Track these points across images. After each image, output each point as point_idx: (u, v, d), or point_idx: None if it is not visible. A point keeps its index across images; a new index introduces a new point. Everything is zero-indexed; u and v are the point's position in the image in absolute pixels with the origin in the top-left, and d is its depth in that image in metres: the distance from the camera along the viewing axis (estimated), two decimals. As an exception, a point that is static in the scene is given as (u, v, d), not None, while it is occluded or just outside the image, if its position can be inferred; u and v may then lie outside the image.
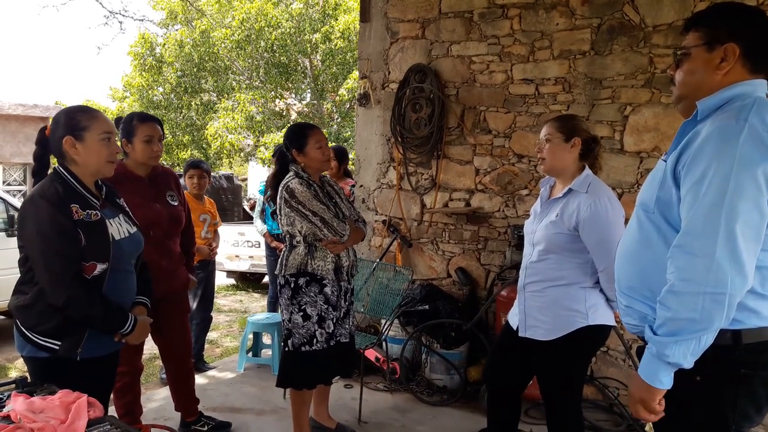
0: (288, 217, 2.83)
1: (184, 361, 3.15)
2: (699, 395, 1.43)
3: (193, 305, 4.34)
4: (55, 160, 2.02)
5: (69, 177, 1.95)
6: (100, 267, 1.93)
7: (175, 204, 2.95)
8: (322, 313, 2.83)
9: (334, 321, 2.88)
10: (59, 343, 1.90)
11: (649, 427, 2.74)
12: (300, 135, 2.89)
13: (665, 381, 1.40)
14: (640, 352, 1.52)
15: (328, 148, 2.95)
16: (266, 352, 4.63)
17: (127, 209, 2.19)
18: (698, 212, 1.33)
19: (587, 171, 2.34)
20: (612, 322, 2.34)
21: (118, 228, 2.03)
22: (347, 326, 3.00)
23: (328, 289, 2.84)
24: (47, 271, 1.84)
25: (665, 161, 1.48)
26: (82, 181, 1.97)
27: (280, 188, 2.86)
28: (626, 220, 2.28)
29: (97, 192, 2.04)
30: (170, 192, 2.95)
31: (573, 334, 2.25)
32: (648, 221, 1.50)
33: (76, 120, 1.95)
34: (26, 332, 1.91)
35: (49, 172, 2.02)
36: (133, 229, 2.13)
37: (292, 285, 2.84)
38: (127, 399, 2.87)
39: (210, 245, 4.38)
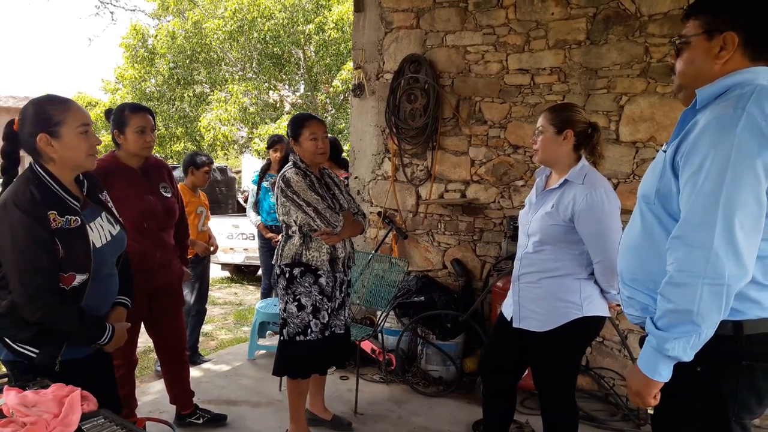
0: (284, 207, 2.84)
1: (179, 354, 3.13)
2: (699, 386, 1.43)
3: (191, 299, 4.32)
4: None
5: (46, 177, 1.79)
6: (79, 278, 1.80)
7: (169, 196, 2.92)
8: (317, 304, 2.83)
9: (329, 312, 2.87)
10: (37, 351, 1.80)
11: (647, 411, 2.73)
12: (297, 125, 2.90)
13: (664, 374, 1.40)
14: (643, 342, 1.52)
15: (324, 141, 2.90)
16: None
17: (110, 205, 2.04)
18: (696, 203, 1.32)
19: (583, 162, 2.32)
20: (606, 313, 2.34)
21: (99, 233, 1.89)
22: (342, 317, 2.99)
23: (322, 280, 2.84)
24: (21, 285, 1.72)
25: (665, 152, 1.47)
26: (60, 180, 1.81)
27: (277, 178, 2.87)
28: (622, 212, 2.29)
29: (77, 190, 1.89)
30: (163, 184, 2.92)
31: (568, 326, 2.25)
32: (649, 212, 1.50)
33: (47, 114, 1.77)
34: (2, 336, 1.81)
35: (21, 168, 1.85)
36: (116, 229, 1.98)
37: (287, 275, 2.84)
38: (121, 392, 2.85)
39: (208, 240, 4.36)
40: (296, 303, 2.82)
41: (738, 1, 1.43)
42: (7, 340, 1.80)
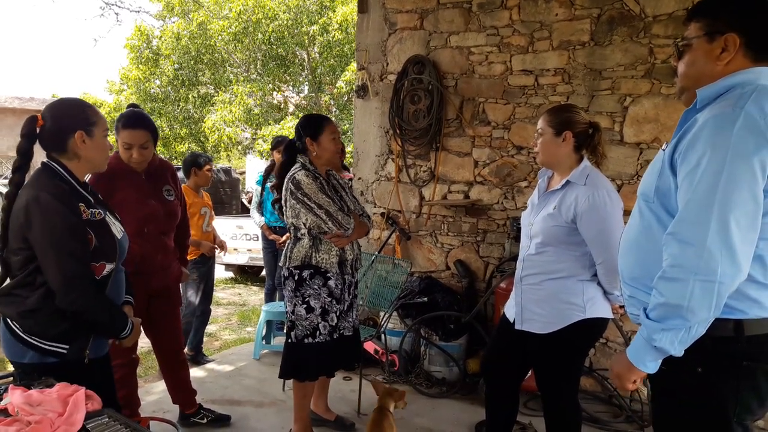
0: (293, 210, 2.82)
1: (177, 355, 3.14)
2: (700, 387, 1.43)
3: (196, 299, 4.33)
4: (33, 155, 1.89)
5: (65, 174, 1.84)
6: (108, 267, 1.87)
7: (171, 199, 2.93)
8: (326, 306, 2.82)
9: (338, 314, 2.87)
10: (67, 346, 1.82)
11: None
12: (316, 123, 2.90)
13: (650, 365, 1.41)
14: None
15: (340, 141, 2.97)
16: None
17: (107, 205, 2.10)
18: (692, 200, 1.33)
19: (585, 162, 2.32)
20: (609, 315, 2.33)
21: (114, 227, 1.97)
22: (351, 319, 2.99)
23: (332, 282, 2.83)
24: (60, 272, 1.74)
25: (664, 151, 1.48)
26: (77, 177, 1.88)
27: (286, 180, 2.84)
28: (625, 212, 2.28)
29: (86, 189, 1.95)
30: (167, 186, 2.92)
31: (570, 327, 2.24)
32: (648, 211, 1.50)
33: (86, 114, 1.87)
34: (29, 338, 1.79)
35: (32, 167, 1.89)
36: (122, 227, 2.06)
37: (296, 277, 2.82)
38: (124, 392, 2.86)
39: (213, 240, 4.38)
40: (305, 305, 2.81)
41: (739, 2, 1.43)
42: (34, 341, 1.80)
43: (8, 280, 1.86)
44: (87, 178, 2.55)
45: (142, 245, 2.69)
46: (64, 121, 1.84)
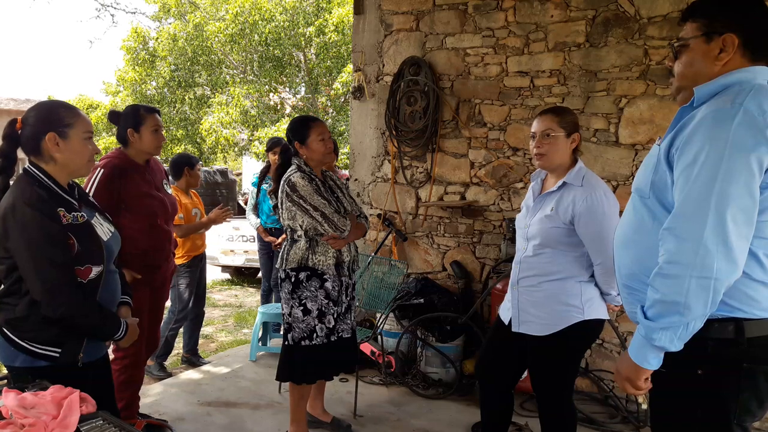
0: (289, 212, 2.81)
1: (148, 354, 3.13)
2: (701, 389, 1.43)
3: (189, 303, 4.31)
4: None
5: (45, 179, 1.82)
6: (95, 270, 1.85)
7: (170, 192, 3.04)
8: (323, 308, 2.81)
9: (335, 316, 2.86)
10: (59, 350, 1.81)
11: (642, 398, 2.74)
12: (303, 127, 2.89)
13: (653, 363, 1.41)
14: None
15: (330, 140, 2.93)
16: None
17: (98, 206, 2.09)
18: (689, 195, 1.32)
19: (580, 164, 2.33)
20: (606, 316, 2.34)
21: (101, 228, 1.95)
22: (348, 321, 2.98)
23: (328, 284, 2.83)
24: (41, 282, 1.73)
25: (659, 146, 1.47)
26: (58, 182, 1.85)
27: (281, 182, 2.84)
28: (621, 213, 2.29)
29: (70, 193, 1.93)
30: (165, 180, 3.03)
31: (569, 329, 2.25)
32: (643, 206, 1.50)
33: (59, 116, 1.84)
34: (20, 342, 1.79)
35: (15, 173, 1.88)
36: (112, 228, 2.04)
37: (293, 279, 2.82)
38: (127, 393, 2.85)
39: (205, 242, 4.36)
40: (302, 307, 2.81)
41: (735, 2, 1.43)
42: (26, 345, 1.79)
43: None
44: (91, 183, 2.58)
45: (154, 238, 2.77)
46: (38, 124, 1.83)
